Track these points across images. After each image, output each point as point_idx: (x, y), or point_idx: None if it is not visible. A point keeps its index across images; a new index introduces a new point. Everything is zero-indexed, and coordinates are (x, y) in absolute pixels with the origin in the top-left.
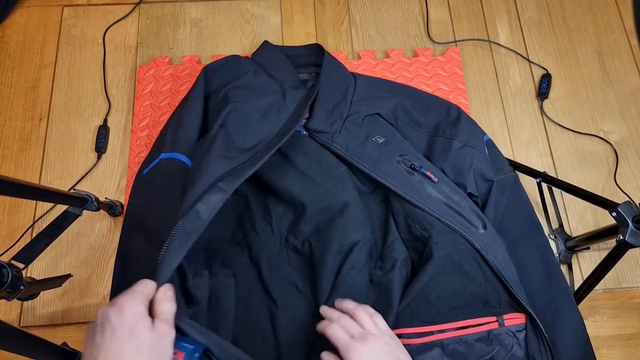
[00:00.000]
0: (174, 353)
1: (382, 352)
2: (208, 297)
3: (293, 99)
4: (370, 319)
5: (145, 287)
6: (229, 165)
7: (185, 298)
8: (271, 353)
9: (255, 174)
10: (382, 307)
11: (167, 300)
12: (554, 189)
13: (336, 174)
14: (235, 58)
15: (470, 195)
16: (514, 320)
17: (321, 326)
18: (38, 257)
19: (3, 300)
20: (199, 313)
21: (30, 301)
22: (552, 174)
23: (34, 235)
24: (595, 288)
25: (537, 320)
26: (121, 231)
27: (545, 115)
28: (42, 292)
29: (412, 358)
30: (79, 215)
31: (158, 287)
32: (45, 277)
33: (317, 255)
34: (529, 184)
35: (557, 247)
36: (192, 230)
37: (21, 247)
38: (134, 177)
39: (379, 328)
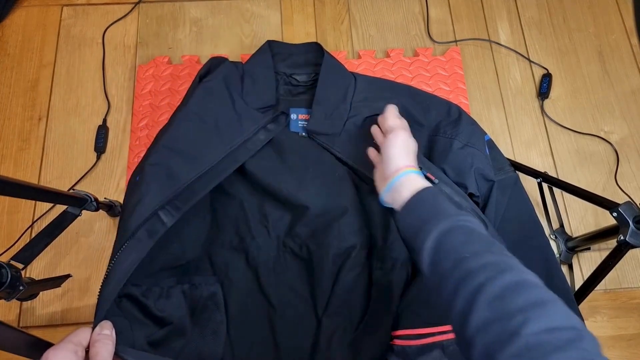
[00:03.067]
0: None
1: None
2: (193, 309)
3: (252, 122)
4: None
5: (76, 335)
6: (169, 190)
7: (152, 321)
8: (271, 358)
9: (252, 177)
10: (382, 307)
11: (101, 340)
12: (554, 189)
13: (335, 175)
14: (217, 61)
15: (471, 195)
16: None
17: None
18: (37, 257)
19: (2, 301)
20: (180, 329)
21: (29, 301)
22: (552, 174)
23: (33, 235)
24: (595, 288)
25: None
26: (116, 237)
27: (546, 115)
28: (41, 293)
29: (412, 359)
30: (79, 215)
31: (94, 328)
32: (45, 277)
33: (315, 258)
34: (529, 184)
35: (558, 248)
36: (132, 261)
37: (20, 247)
38: None
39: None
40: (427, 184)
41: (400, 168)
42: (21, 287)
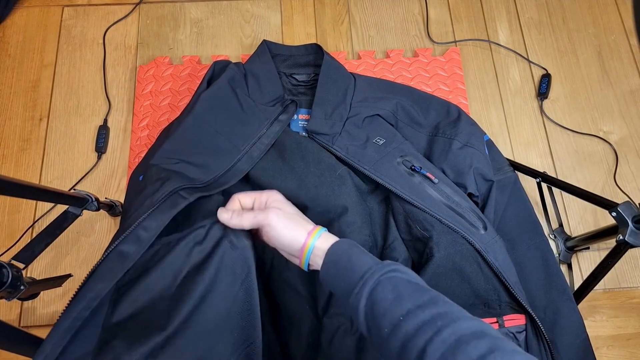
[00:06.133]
0: None
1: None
2: None
3: (263, 117)
4: None
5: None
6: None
7: None
8: (272, 357)
9: (252, 177)
10: None
11: None
12: (553, 189)
13: (336, 174)
14: (220, 64)
15: (470, 195)
16: (514, 321)
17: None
18: (38, 257)
19: (3, 300)
20: None
21: (30, 301)
22: (552, 174)
23: (34, 235)
24: (595, 288)
25: (538, 322)
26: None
27: (545, 115)
28: (42, 292)
29: None
30: (79, 215)
31: None
32: (46, 277)
33: None
34: (528, 184)
35: (557, 247)
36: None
37: (21, 247)
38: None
39: None
40: (333, 239)
41: (305, 244)
42: (22, 287)
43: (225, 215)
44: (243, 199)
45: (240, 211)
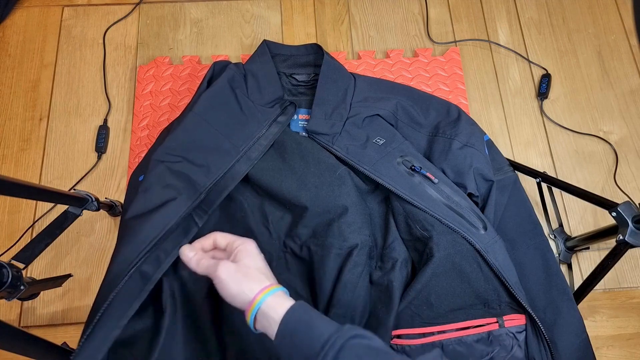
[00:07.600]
0: None
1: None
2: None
3: (262, 118)
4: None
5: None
6: (195, 195)
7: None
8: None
9: (252, 177)
10: (382, 307)
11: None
12: (553, 189)
13: (336, 174)
14: (220, 64)
15: (470, 195)
16: (514, 321)
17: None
18: (38, 257)
19: (3, 300)
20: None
21: (30, 301)
22: (551, 174)
23: (34, 235)
24: (595, 288)
25: (538, 322)
26: (117, 238)
27: (545, 115)
28: (42, 292)
29: (412, 359)
30: (79, 215)
31: None
32: (45, 277)
33: (316, 259)
34: (528, 184)
35: (557, 247)
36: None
37: (21, 247)
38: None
39: None
40: (288, 303)
41: (252, 301)
42: (22, 287)
43: (187, 255)
44: (219, 238)
45: (201, 255)
